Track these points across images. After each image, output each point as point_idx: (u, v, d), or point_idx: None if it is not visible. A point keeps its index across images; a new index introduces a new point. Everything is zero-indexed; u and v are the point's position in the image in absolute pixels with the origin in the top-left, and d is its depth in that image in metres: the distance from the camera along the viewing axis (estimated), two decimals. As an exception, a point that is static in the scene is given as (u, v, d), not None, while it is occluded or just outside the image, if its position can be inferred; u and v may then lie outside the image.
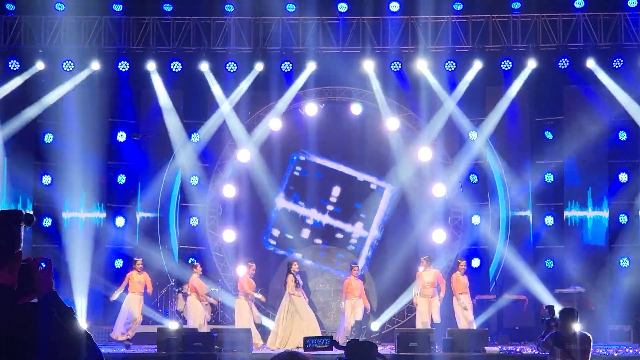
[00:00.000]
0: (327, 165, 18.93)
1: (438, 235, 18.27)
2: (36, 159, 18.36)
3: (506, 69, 18.13)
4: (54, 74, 18.03)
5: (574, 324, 9.36)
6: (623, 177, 18.17)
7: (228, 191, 18.70)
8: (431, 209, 18.46)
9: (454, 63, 17.99)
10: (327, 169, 18.94)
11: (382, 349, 15.57)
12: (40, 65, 17.93)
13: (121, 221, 18.28)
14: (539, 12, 17.85)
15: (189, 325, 16.44)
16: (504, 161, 18.71)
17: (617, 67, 17.69)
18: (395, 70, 18.15)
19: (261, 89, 18.71)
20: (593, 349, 9.50)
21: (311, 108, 18.79)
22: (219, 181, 18.79)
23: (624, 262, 17.86)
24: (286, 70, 18.37)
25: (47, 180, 18.18)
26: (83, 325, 3.29)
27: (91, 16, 17.90)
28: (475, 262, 17.99)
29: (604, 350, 15.40)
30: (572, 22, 17.77)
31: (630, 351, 15.55)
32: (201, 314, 16.55)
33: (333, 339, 4.86)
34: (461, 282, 16.66)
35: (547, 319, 9.78)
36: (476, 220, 18.39)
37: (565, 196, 18.65)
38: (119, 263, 18.01)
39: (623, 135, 18.11)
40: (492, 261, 18.76)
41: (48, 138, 18.35)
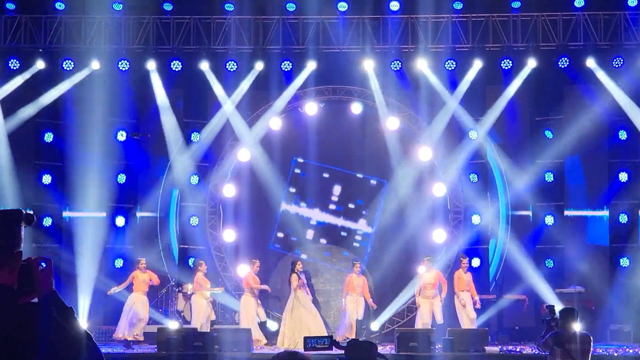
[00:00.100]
0: (326, 165, 18.92)
1: (438, 234, 18.27)
2: (36, 159, 18.37)
3: (506, 68, 18.13)
4: (54, 74, 18.03)
5: (574, 324, 9.36)
6: (623, 177, 18.16)
7: (228, 191, 18.70)
8: (431, 209, 18.45)
9: (454, 62, 17.98)
10: (326, 169, 18.92)
11: (382, 349, 15.57)
12: (40, 64, 17.93)
13: (121, 221, 18.28)
14: (539, 12, 17.85)
15: (192, 324, 16.42)
16: (504, 160, 18.70)
17: (617, 67, 17.68)
18: (395, 69, 18.14)
19: (261, 89, 18.70)
20: (593, 349, 9.50)
21: (311, 107, 18.78)
22: (219, 181, 18.78)
23: (624, 262, 17.85)
24: (286, 69, 18.36)
25: (47, 179, 18.18)
26: (83, 325, 3.28)
27: (91, 15, 17.91)
28: (475, 262, 17.98)
29: (604, 350, 15.39)
30: (572, 22, 17.76)
31: (630, 351, 15.53)
32: (204, 313, 16.51)
33: (333, 339, 4.86)
34: (463, 280, 16.68)
35: (548, 319, 9.78)
36: (476, 219, 18.39)
37: (565, 196, 18.66)
38: (119, 262, 18.00)
39: (623, 134, 18.10)
40: (492, 261, 18.77)
41: (48, 137, 18.37)
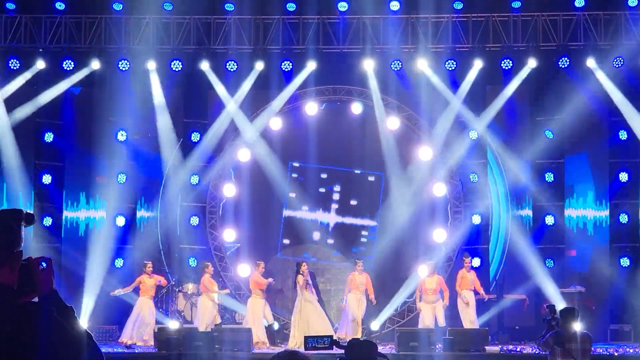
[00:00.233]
0: (322, 165, 18.90)
1: (438, 234, 18.27)
2: (37, 158, 18.36)
3: (506, 68, 18.12)
4: (55, 73, 18.03)
5: (575, 323, 9.36)
6: (623, 177, 18.15)
7: (228, 190, 18.70)
8: (431, 208, 18.45)
9: (454, 62, 17.97)
10: (323, 169, 18.90)
11: (383, 349, 15.56)
12: (40, 64, 17.92)
13: (121, 220, 18.26)
14: (539, 11, 17.84)
15: (196, 324, 16.36)
16: (505, 160, 18.70)
17: (618, 66, 17.67)
18: (395, 69, 18.14)
19: (261, 88, 18.69)
20: (593, 349, 9.52)
21: (311, 107, 18.78)
22: (220, 180, 18.77)
23: (625, 262, 17.85)
24: (286, 69, 18.36)
25: (48, 179, 18.18)
26: (84, 324, 3.28)
27: (91, 15, 17.91)
28: (475, 262, 17.97)
29: (605, 349, 15.40)
30: (573, 21, 17.75)
31: (630, 350, 15.52)
32: (210, 316, 16.42)
33: (333, 339, 4.85)
34: (467, 279, 16.71)
35: (548, 318, 9.79)
36: (476, 219, 18.39)
37: (565, 195, 18.65)
38: (119, 262, 17.99)
39: (623, 134, 18.09)
40: (493, 260, 18.77)
41: (48, 137, 18.36)
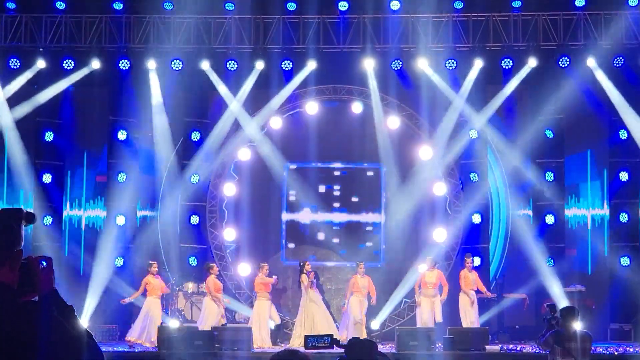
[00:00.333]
0: (320, 166, 18.88)
1: (438, 233, 18.27)
2: (37, 158, 18.36)
3: (507, 68, 18.12)
4: (55, 73, 18.03)
5: (575, 323, 9.37)
6: (623, 176, 18.15)
7: (228, 189, 18.70)
8: (431, 207, 18.44)
9: (455, 62, 17.97)
10: (322, 169, 18.89)
11: (383, 348, 15.56)
12: (41, 63, 17.92)
13: (122, 219, 18.26)
14: (540, 11, 17.83)
15: (201, 324, 16.33)
16: (505, 160, 18.69)
17: (618, 66, 17.67)
18: (395, 68, 18.14)
19: (262, 88, 18.69)
20: (593, 348, 9.52)
21: (312, 107, 18.77)
22: (220, 179, 18.77)
23: (625, 261, 17.86)
24: (287, 68, 18.35)
25: (48, 178, 18.18)
26: (84, 323, 3.29)
27: (92, 14, 17.90)
28: (475, 261, 17.97)
29: (605, 348, 15.40)
30: (573, 21, 17.74)
31: (630, 350, 15.52)
32: (215, 316, 16.38)
33: (334, 338, 4.86)
34: (469, 279, 16.73)
35: (548, 317, 9.80)
36: (477, 218, 18.39)
37: (566, 195, 18.65)
38: (120, 261, 17.99)
39: (624, 134, 18.08)
40: (493, 260, 18.77)
41: (49, 136, 18.37)
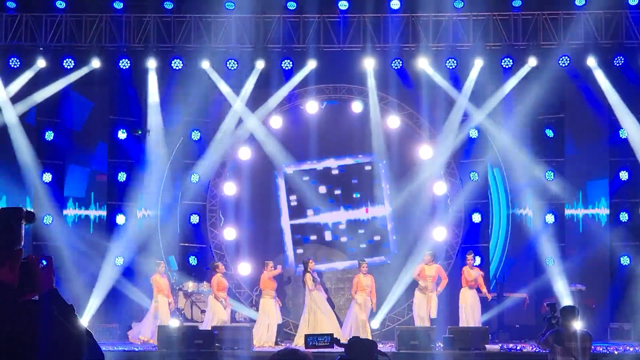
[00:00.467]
0: (316, 167, 18.86)
1: (438, 233, 18.27)
2: (37, 157, 18.35)
3: (507, 67, 18.11)
4: (55, 72, 18.03)
5: (575, 322, 9.37)
6: (624, 175, 18.15)
7: (228, 189, 18.71)
8: (432, 207, 18.44)
9: (455, 61, 17.96)
10: (319, 170, 18.87)
11: (383, 347, 15.56)
12: (41, 62, 17.92)
13: (122, 219, 18.27)
14: (540, 10, 17.83)
15: (205, 323, 16.34)
16: (505, 159, 18.68)
17: (618, 65, 17.67)
18: (396, 68, 18.13)
19: (262, 87, 18.68)
20: (593, 347, 9.52)
21: (312, 106, 18.77)
22: (220, 179, 18.78)
23: (625, 260, 17.85)
24: (287, 68, 18.35)
25: (48, 178, 18.17)
26: (84, 322, 3.29)
27: (92, 14, 17.90)
28: (476, 260, 17.98)
29: (605, 348, 15.40)
30: (573, 20, 17.73)
31: (630, 349, 15.52)
32: (220, 316, 16.38)
33: (334, 337, 4.86)
34: (471, 275, 16.72)
35: (548, 317, 9.79)
36: (477, 218, 18.39)
37: (566, 194, 18.64)
38: (120, 261, 17.99)
39: (624, 133, 18.07)
40: (493, 259, 18.77)
41: (49, 136, 18.37)
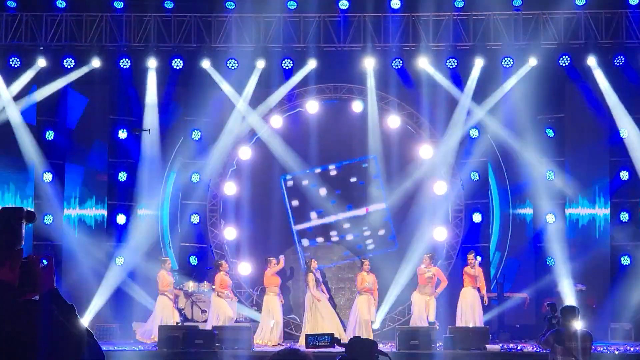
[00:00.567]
0: (317, 171, 18.86)
1: (439, 232, 18.26)
2: (38, 157, 18.34)
3: (507, 67, 18.11)
4: (55, 71, 18.03)
5: (575, 322, 9.36)
6: (624, 175, 18.15)
7: (229, 188, 18.70)
8: (432, 206, 18.43)
9: (455, 60, 17.96)
10: (319, 174, 18.86)
11: (383, 347, 15.54)
12: (41, 62, 17.92)
13: (122, 218, 18.27)
14: (540, 10, 17.81)
15: (209, 322, 16.34)
16: (505, 158, 18.68)
17: (619, 65, 17.67)
18: (396, 67, 18.13)
19: (262, 87, 18.68)
20: (594, 347, 9.51)
21: (312, 105, 18.76)
22: (220, 178, 18.77)
23: (625, 260, 17.85)
24: (287, 67, 18.35)
25: (48, 177, 18.17)
26: (85, 322, 3.28)
27: (92, 13, 17.90)
28: (477, 260, 17.97)
29: (605, 348, 15.40)
30: (574, 20, 17.72)
31: (631, 349, 15.53)
32: (223, 315, 16.38)
33: (335, 337, 4.85)
34: (471, 276, 16.72)
35: (549, 316, 9.79)
36: (477, 217, 18.38)
37: (566, 194, 18.64)
38: (120, 260, 17.99)
39: (624, 132, 18.07)
40: (493, 259, 18.77)
41: (49, 135, 18.37)
